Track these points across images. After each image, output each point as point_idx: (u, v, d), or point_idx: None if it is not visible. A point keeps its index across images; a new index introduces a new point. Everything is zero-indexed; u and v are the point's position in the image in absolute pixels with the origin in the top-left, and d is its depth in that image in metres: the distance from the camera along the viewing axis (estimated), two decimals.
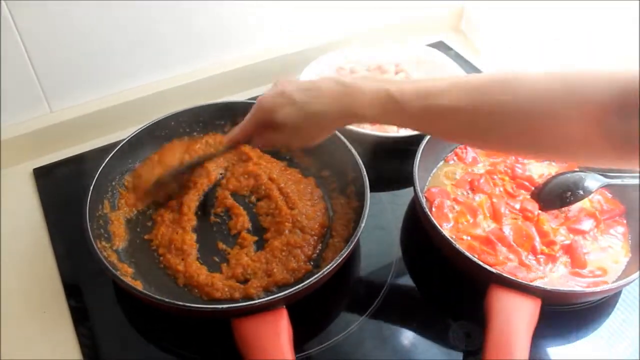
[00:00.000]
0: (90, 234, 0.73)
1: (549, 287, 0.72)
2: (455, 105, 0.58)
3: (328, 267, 0.69)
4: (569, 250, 0.80)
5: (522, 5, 1.16)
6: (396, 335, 0.75)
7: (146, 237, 0.83)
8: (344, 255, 0.71)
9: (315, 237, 0.82)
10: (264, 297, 0.71)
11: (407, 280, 0.82)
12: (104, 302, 0.77)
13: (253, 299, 0.74)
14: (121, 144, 0.86)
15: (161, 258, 0.80)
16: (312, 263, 0.80)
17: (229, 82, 1.10)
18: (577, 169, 0.91)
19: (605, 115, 0.50)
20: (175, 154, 0.92)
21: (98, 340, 0.73)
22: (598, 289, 0.73)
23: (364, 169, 0.82)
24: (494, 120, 0.57)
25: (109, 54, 0.97)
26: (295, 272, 0.78)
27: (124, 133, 0.88)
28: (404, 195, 0.94)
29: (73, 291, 0.78)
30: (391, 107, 0.62)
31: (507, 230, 0.81)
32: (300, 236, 0.81)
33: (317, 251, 0.82)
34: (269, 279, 0.77)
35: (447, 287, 0.81)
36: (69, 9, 0.88)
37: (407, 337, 0.75)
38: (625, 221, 0.86)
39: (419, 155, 0.84)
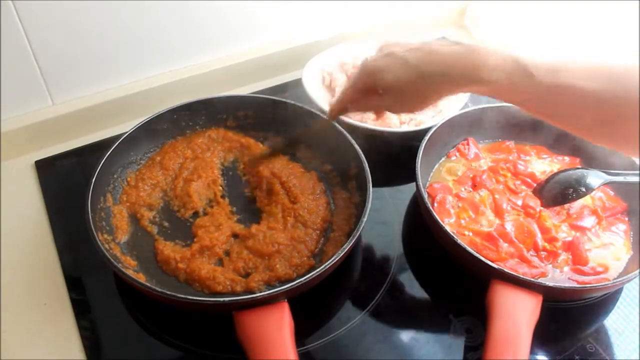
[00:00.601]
0: (92, 226, 0.73)
1: (550, 283, 0.72)
2: (586, 87, 0.55)
3: (329, 261, 0.69)
4: (570, 246, 0.80)
5: (525, 2, 1.16)
6: (397, 330, 0.75)
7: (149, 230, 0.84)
8: (346, 250, 0.71)
9: (318, 232, 0.82)
10: (265, 291, 0.71)
11: (408, 276, 0.82)
12: (105, 294, 0.77)
13: (254, 293, 0.74)
14: (123, 136, 0.85)
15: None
16: (314, 258, 0.80)
17: (231, 76, 1.10)
18: (579, 166, 0.91)
19: None
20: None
21: (99, 333, 0.73)
22: (599, 285, 0.73)
23: (367, 164, 0.82)
24: (619, 112, 0.55)
25: (112, 47, 0.97)
26: (298, 267, 0.78)
27: (126, 126, 0.88)
28: (406, 191, 0.94)
29: (74, 283, 0.78)
30: (518, 76, 0.57)
31: (509, 227, 0.81)
32: (302, 230, 0.81)
33: (319, 245, 0.82)
34: (271, 273, 0.77)
35: (449, 283, 0.81)
36: (72, 3, 0.88)
37: (408, 332, 0.75)
38: (627, 218, 0.86)
39: (422, 151, 0.84)
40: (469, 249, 0.72)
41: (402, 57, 0.62)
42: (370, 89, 0.66)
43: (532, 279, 0.70)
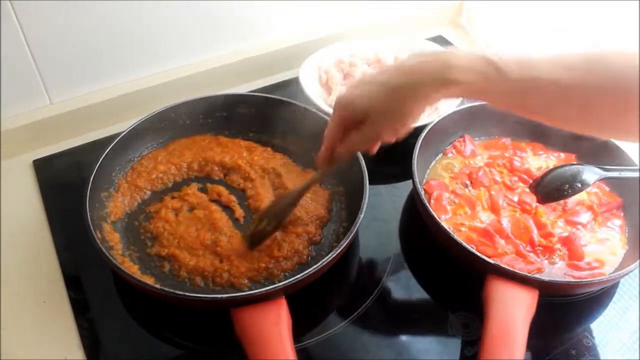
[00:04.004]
0: (90, 224, 0.73)
1: (546, 278, 0.72)
2: (556, 79, 0.56)
3: (327, 257, 0.69)
4: (566, 242, 0.80)
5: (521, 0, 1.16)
6: (395, 326, 0.76)
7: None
8: (343, 246, 0.71)
9: (316, 228, 0.82)
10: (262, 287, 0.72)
11: (406, 272, 0.82)
12: (104, 292, 0.78)
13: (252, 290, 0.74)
14: (121, 135, 0.86)
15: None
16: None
17: (230, 75, 1.10)
18: (575, 162, 0.91)
19: None
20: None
21: (98, 331, 0.74)
22: (595, 280, 0.74)
23: (363, 161, 0.82)
24: (591, 98, 0.57)
25: (109, 46, 0.97)
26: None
27: (124, 125, 0.88)
28: (403, 188, 0.94)
29: (73, 282, 0.79)
30: (491, 74, 0.58)
31: (505, 223, 0.82)
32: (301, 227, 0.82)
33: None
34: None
35: (446, 279, 0.82)
36: (70, 2, 0.88)
37: (406, 327, 0.76)
38: (622, 214, 0.86)
39: (418, 148, 0.84)
40: (465, 244, 0.72)
41: (371, 80, 0.63)
42: (349, 122, 0.65)
43: (528, 274, 0.70)
